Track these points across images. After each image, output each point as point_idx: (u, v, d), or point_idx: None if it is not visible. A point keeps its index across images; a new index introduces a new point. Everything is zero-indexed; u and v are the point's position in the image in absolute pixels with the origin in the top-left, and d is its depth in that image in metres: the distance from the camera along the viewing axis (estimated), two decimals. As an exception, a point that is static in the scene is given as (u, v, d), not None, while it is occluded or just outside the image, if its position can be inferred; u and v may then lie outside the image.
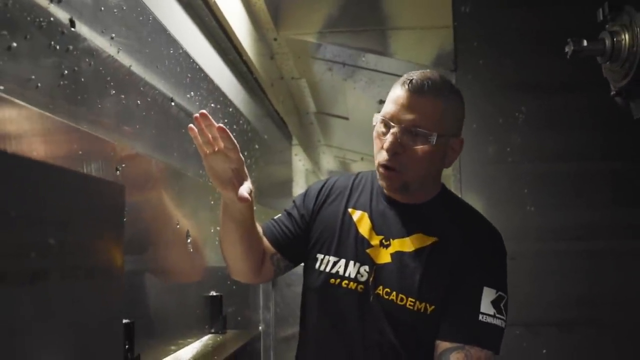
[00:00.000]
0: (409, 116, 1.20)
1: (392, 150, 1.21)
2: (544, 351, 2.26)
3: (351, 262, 1.29)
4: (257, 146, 2.69)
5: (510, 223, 2.39)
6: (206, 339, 1.60)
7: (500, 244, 1.30)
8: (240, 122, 2.39)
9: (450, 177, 2.78)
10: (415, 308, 1.22)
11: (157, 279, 1.36)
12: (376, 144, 1.27)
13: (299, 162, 5.14)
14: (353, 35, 2.61)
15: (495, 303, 1.21)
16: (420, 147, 1.21)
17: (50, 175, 0.73)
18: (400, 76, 1.29)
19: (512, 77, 2.45)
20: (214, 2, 1.85)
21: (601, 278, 2.26)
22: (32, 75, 0.93)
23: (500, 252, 1.29)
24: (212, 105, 1.96)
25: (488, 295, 1.21)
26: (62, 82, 1.01)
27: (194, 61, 1.76)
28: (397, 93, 1.23)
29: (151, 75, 1.41)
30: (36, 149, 0.87)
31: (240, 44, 2.22)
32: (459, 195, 2.49)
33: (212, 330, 1.69)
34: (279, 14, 2.60)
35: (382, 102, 3.40)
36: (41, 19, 0.95)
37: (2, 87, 0.84)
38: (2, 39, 0.85)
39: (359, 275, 1.28)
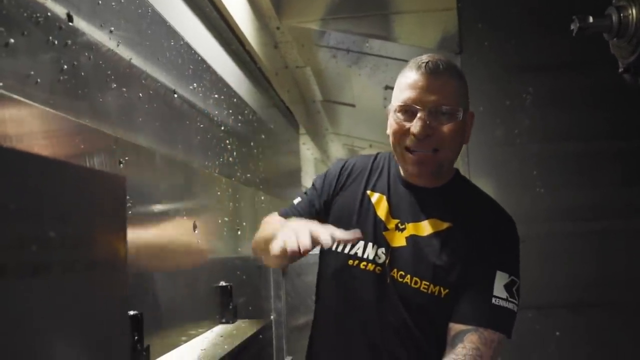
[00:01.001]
0: (432, 97, 1.21)
1: (424, 134, 1.21)
2: (557, 333, 2.25)
3: (370, 244, 1.31)
4: (263, 136, 2.68)
5: (520, 205, 2.38)
6: (217, 329, 1.60)
7: (513, 230, 1.31)
8: (246, 112, 2.38)
9: (459, 161, 2.76)
10: (430, 291, 1.24)
11: (166, 270, 1.36)
12: (396, 131, 1.27)
13: (307, 151, 5.13)
14: (356, 20, 2.58)
15: (507, 287, 1.22)
16: (448, 126, 1.22)
17: (50, 169, 0.72)
18: (405, 61, 1.29)
19: (517, 58, 2.42)
20: (214, -8, 1.84)
21: (612, 258, 2.24)
22: (31, 71, 0.93)
23: (513, 238, 1.30)
24: (216, 96, 1.96)
25: (501, 280, 1.22)
26: (61, 77, 1.01)
27: (195, 52, 1.76)
28: (413, 77, 1.24)
29: (152, 67, 1.41)
30: (38, 144, 0.87)
31: (242, 33, 2.21)
32: (468, 178, 2.48)
33: (223, 320, 1.70)
34: (281, 2, 2.58)
35: (388, 87, 3.39)
36: (38, 15, 0.95)
37: (1, 84, 0.84)
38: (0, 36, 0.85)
39: (377, 257, 1.30)
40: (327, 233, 1.05)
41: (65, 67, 1.03)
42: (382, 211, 1.34)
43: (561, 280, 2.28)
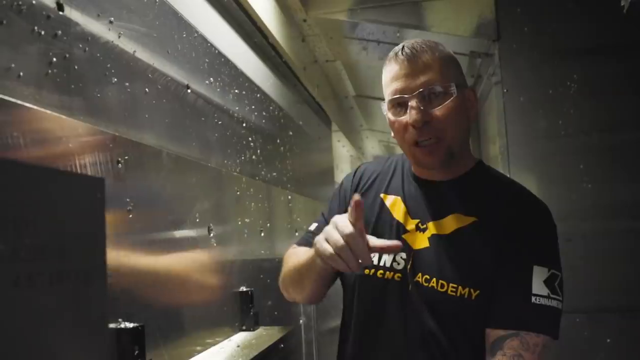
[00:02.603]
0: (419, 80, 1.13)
1: (422, 121, 1.12)
2: (607, 340, 2.08)
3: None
4: (291, 133, 2.59)
5: (565, 202, 2.22)
6: (236, 337, 1.51)
7: (548, 218, 1.16)
8: (271, 108, 2.29)
9: (497, 156, 2.62)
10: (458, 294, 1.12)
11: (176, 276, 1.28)
12: (396, 129, 1.18)
13: (342, 148, 5.02)
14: (385, 10, 2.46)
15: (548, 282, 1.08)
16: (445, 105, 1.13)
17: (17, 174, 0.64)
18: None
19: (561, 43, 2.26)
20: (232, -18, 1.76)
21: (669, 259, 2.06)
22: (11, 64, 0.85)
23: (549, 227, 1.15)
24: (236, 91, 1.87)
25: (540, 275, 1.08)
26: (50, 71, 0.93)
27: (211, 45, 1.67)
28: (394, 68, 1.16)
29: (161, 61, 1.33)
30: (19, 144, 0.79)
31: (265, 26, 2.12)
32: (508, 175, 2.33)
33: (243, 328, 1.61)
34: (306, -7, 2.48)
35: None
36: (20, 2, 0.87)
37: (-27, 78, 0.77)
38: (-28, 25, 0.78)
39: (395, 264, 1.18)
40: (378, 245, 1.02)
41: (55, 60, 0.95)
42: (398, 213, 1.22)
43: (612, 282, 2.11)
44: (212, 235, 1.49)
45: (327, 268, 1.08)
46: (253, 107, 2.04)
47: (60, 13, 0.97)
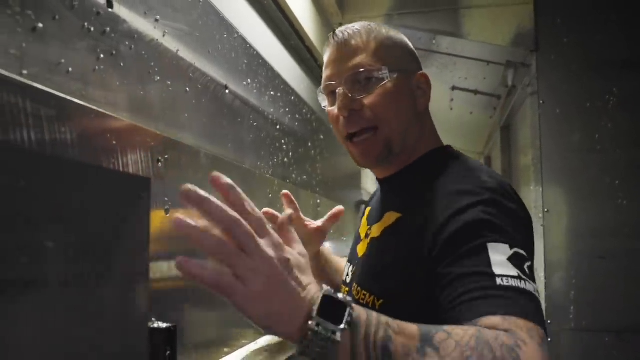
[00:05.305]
0: (347, 65, 1.01)
1: (346, 109, 1.00)
2: (639, 361, 2.03)
3: (348, 265, 1.15)
4: (322, 136, 2.58)
5: (599, 218, 2.18)
6: (263, 340, 1.51)
7: (494, 192, 0.89)
8: (304, 111, 2.29)
9: (529, 168, 2.58)
10: (371, 304, 0.95)
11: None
12: (332, 122, 1.08)
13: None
14: (423, 16, 2.44)
15: (515, 262, 0.79)
16: (377, 90, 1.00)
17: (65, 171, 0.64)
18: (475, 60, 1.15)
19: (601, 54, 2.22)
20: (272, -16, 1.76)
21: None
22: (61, 59, 0.86)
23: (496, 202, 0.87)
24: (272, 93, 1.87)
25: (499, 253, 0.79)
26: (97, 67, 0.94)
27: (250, 46, 1.67)
28: (327, 54, 1.07)
29: (202, 61, 1.33)
30: (64, 140, 0.80)
31: (302, 28, 2.12)
32: (540, 189, 2.29)
33: (270, 331, 1.60)
34: (344, -3, 2.47)
35: (455, 88, 3.21)
36: (72, -1, 0.88)
37: (25, 72, 0.77)
38: (26, 19, 0.78)
39: (347, 278, 1.13)
40: None
41: (102, 56, 0.95)
42: (364, 222, 1.15)
43: (645, 302, 2.05)
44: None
45: None
46: (287, 109, 2.04)
47: (110, 10, 0.98)
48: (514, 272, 0.77)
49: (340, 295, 0.68)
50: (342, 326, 0.64)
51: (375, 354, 0.65)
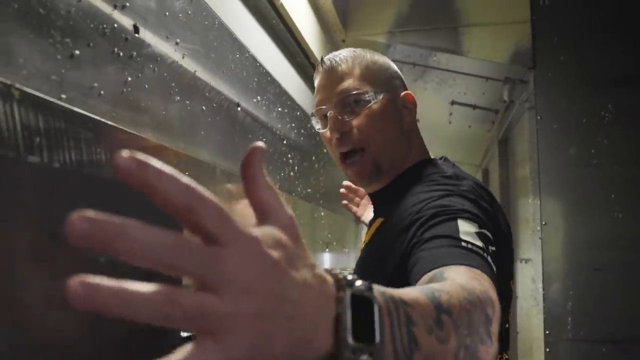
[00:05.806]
0: (336, 90, 1.10)
1: (337, 130, 1.08)
2: (635, 371, 2.08)
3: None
4: (325, 150, 2.64)
5: (596, 231, 2.23)
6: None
7: (469, 192, 0.96)
8: (308, 126, 2.35)
9: (527, 180, 2.63)
10: None
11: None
12: (327, 144, 1.16)
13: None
14: (424, 33, 2.51)
15: (481, 238, 0.84)
16: (365, 111, 1.08)
17: (100, 190, 0.69)
18: (473, 76, 1.20)
19: (597, 72, 2.28)
20: (281, 4, 1.82)
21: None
22: (94, 83, 0.91)
23: (470, 198, 0.94)
24: (279, 109, 1.93)
25: (467, 227, 0.85)
26: (124, 90, 0.99)
27: (260, 65, 1.73)
28: (316, 81, 1.16)
29: (217, 80, 1.39)
30: (101, 160, 0.85)
31: (307, 46, 2.19)
32: (538, 202, 2.35)
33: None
34: (347, 14, 2.54)
35: (454, 103, 3.28)
36: (104, 26, 0.94)
37: (64, 96, 0.83)
38: (65, 47, 0.84)
39: None
40: None
41: (129, 79, 1.01)
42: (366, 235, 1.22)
43: (641, 313, 2.11)
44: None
45: None
46: (293, 124, 2.10)
47: (136, 35, 1.04)
48: (480, 243, 0.82)
49: (360, 285, 0.46)
50: (377, 340, 0.44)
51: (402, 345, 0.48)
